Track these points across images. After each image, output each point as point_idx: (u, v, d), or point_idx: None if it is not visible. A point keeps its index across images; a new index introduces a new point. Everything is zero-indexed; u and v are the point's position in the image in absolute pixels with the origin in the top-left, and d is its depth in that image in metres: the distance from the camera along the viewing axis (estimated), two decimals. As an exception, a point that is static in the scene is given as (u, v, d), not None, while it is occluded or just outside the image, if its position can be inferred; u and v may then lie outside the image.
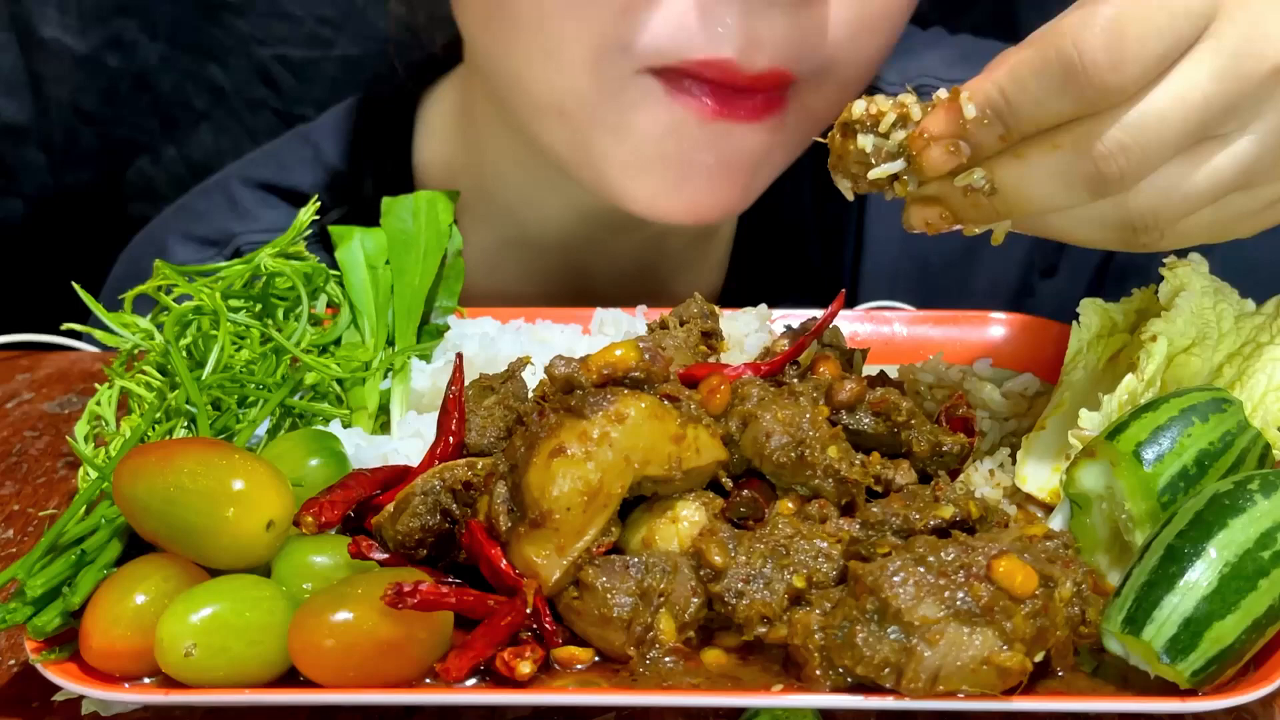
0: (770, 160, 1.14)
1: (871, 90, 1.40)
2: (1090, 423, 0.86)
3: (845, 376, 0.87)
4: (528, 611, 0.74)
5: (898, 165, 0.82)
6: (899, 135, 0.81)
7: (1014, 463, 0.92)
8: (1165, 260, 0.95)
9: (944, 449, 0.86)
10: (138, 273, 1.37)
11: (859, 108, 0.83)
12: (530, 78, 1.12)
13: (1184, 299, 0.91)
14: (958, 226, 0.84)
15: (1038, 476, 0.90)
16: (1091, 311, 0.97)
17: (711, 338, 0.98)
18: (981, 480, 0.92)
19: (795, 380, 0.89)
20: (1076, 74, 0.76)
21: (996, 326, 1.15)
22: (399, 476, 0.86)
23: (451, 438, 0.86)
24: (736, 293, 1.41)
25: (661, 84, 1.07)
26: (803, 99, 1.11)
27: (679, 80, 1.07)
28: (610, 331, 1.11)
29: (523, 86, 1.14)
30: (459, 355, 0.90)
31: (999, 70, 0.78)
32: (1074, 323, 0.98)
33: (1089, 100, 0.77)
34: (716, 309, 1.02)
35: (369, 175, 1.38)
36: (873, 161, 0.82)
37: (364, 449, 0.94)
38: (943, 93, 0.80)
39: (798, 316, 1.12)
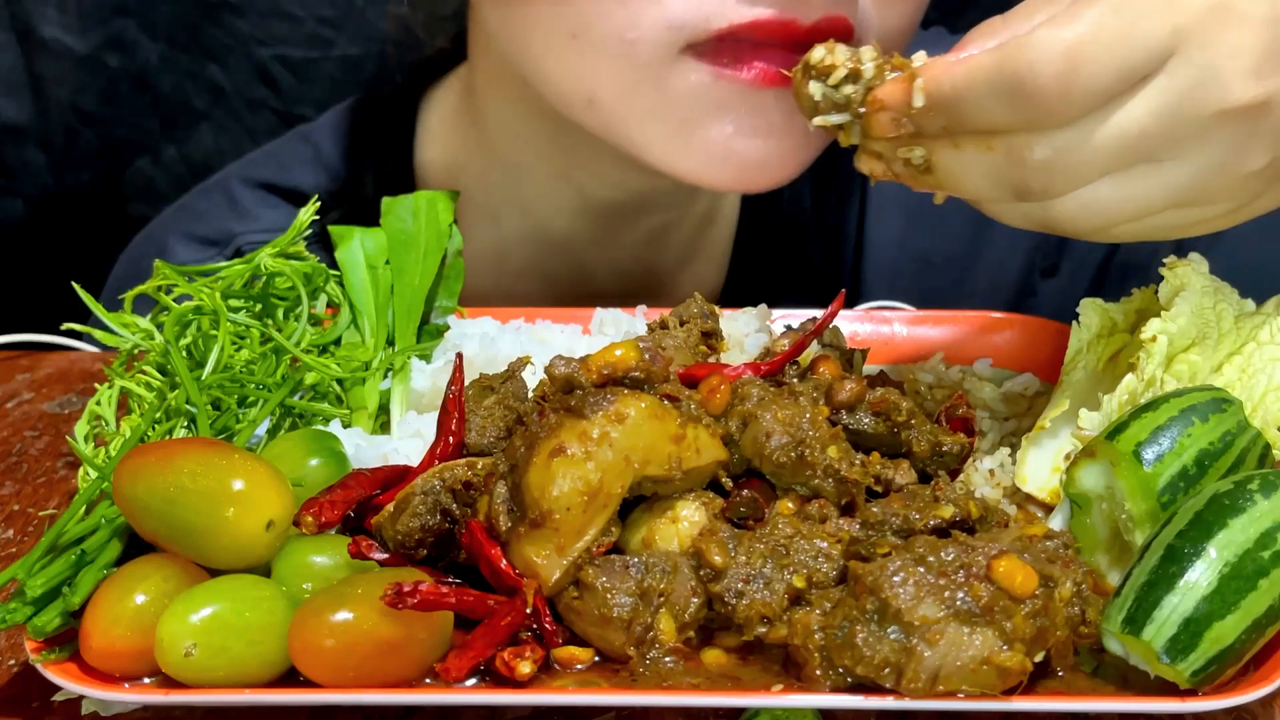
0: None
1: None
2: (1090, 423, 0.86)
3: (845, 376, 0.87)
4: (528, 611, 0.74)
5: (840, 118, 0.86)
6: (847, 90, 0.85)
7: (1014, 463, 0.92)
8: (1165, 260, 0.95)
9: (944, 449, 0.86)
10: (138, 272, 1.37)
11: (817, 54, 0.86)
12: (555, 66, 1.09)
13: (1184, 299, 0.91)
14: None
15: (1038, 476, 0.90)
16: (1091, 311, 0.97)
17: (711, 338, 0.98)
18: (981, 480, 0.92)
19: (795, 380, 0.89)
20: (1025, 94, 0.77)
21: (996, 326, 1.15)
22: (399, 476, 0.86)
23: (451, 438, 0.86)
24: (736, 291, 1.42)
25: (706, 64, 1.03)
26: None
27: (722, 54, 1.03)
28: (610, 331, 1.11)
29: (547, 76, 1.10)
30: (459, 355, 0.90)
31: (957, 69, 0.80)
32: (1074, 323, 0.98)
33: (1031, 120, 0.78)
34: (716, 309, 1.02)
35: (370, 175, 1.38)
36: (819, 108, 0.86)
37: (364, 449, 0.94)
38: (919, 57, 0.83)
39: (798, 316, 1.12)
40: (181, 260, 1.32)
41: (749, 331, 1.05)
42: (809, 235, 1.45)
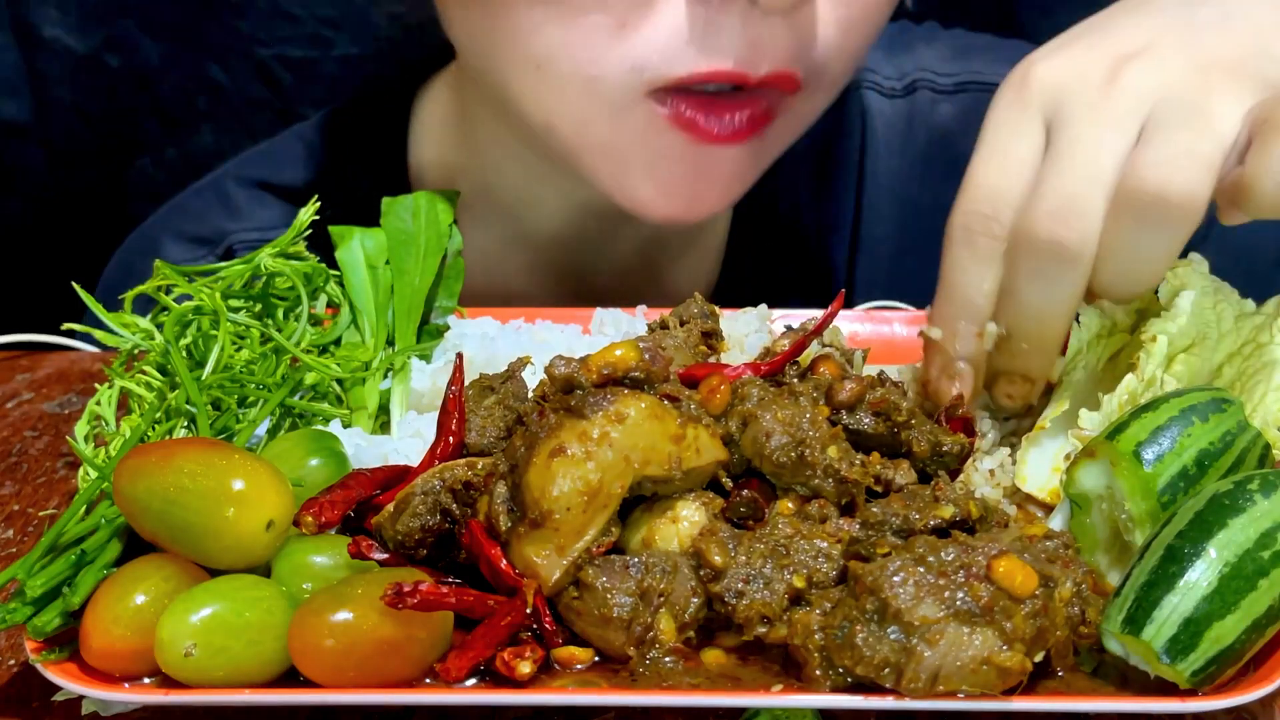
0: (753, 167, 1.17)
1: (857, 86, 1.41)
2: (1090, 423, 0.86)
3: (845, 376, 0.87)
4: (527, 611, 0.74)
5: None
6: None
7: (1014, 463, 0.92)
8: None
9: (944, 449, 0.86)
10: (131, 272, 1.37)
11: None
12: (517, 90, 1.12)
13: (1184, 299, 0.91)
14: (1028, 396, 0.95)
15: (1038, 476, 0.90)
16: (1091, 312, 0.97)
17: (711, 337, 0.98)
18: (981, 480, 0.92)
19: (795, 380, 0.89)
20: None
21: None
22: (399, 476, 0.86)
23: (451, 438, 0.86)
24: (731, 290, 1.41)
25: (661, 110, 1.08)
26: (795, 105, 1.13)
27: (677, 104, 1.07)
28: (610, 331, 1.11)
29: (509, 96, 1.13)
30: (459, 355, 0.90)
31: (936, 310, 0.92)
32: (1074, 323, 0.98)
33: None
34: (716, 309, 1.02)
35: (364, 174, 1.38)
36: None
37: (364, 449, 0.94)
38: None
39: (798, 316, 1.12)
40: (173, 259, 1.32)
41: (749, 332, 1.05)
42: (804, 233, 1.45)
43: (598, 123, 1.10)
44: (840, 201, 1.44)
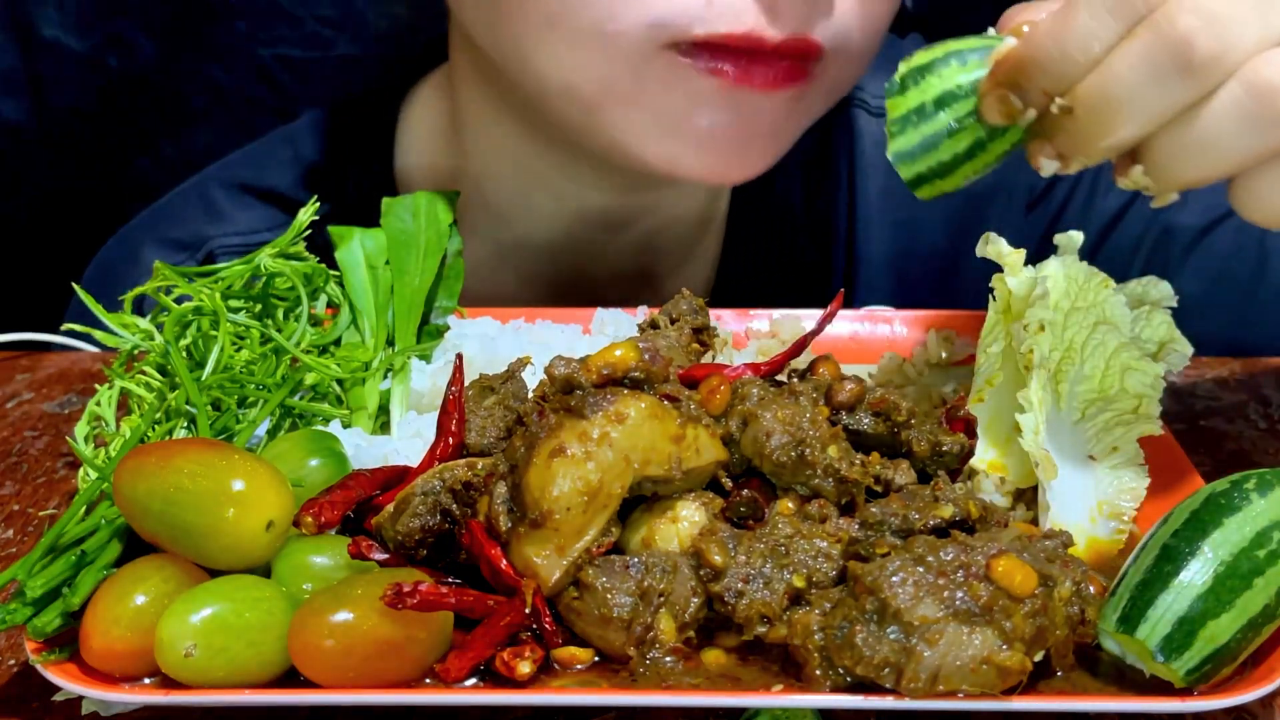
0: (790, 127, 1.14)
1: (850, 101, 1.40)
2: (1028, 425, 0.86)
3: (845, 377, 0.88)
4: (526, 611, 0.75)
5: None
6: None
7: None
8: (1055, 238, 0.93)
9: (944, 449, 0.86)
10: (110, 275, 1.37)
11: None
12: (531, 54, 1.10)
13: (1052, 282, 0.89)
14: (1077, 166, 0.83)
15: (982, 454, 0.89)
16: (999, 283, 0.95)
17: (703, 333, 0.98)
18: (991, 487, 0.91)
19: (795, 380, 0.89)
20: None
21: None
22: (399, 477, 0.86)
23: (451, 438, 0.86)
24: (726, 290, 1.41)
25: (685, 59, 1.05)
26: (826, 69, 1.10)
27: (699, 54, 1.05)
28: (610, 331, 1.11)
29: (523, 64, 1.11)
30: (459, 356, 0.90)
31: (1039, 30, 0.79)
32: (989, 297, 0.96)
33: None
34: (704, 304, 1.01)
35: (350, 177, 1.37)
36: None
37: (364, 449, 0.94)
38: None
39: (797, 316, 1.12)
40: (151, 264, 1.31)
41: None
42: (799, 232, 1.45)
43: (620, 75, 1.07)
44: (834, 215, 1.44)
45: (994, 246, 0.91)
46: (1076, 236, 0.92)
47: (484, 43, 1.17)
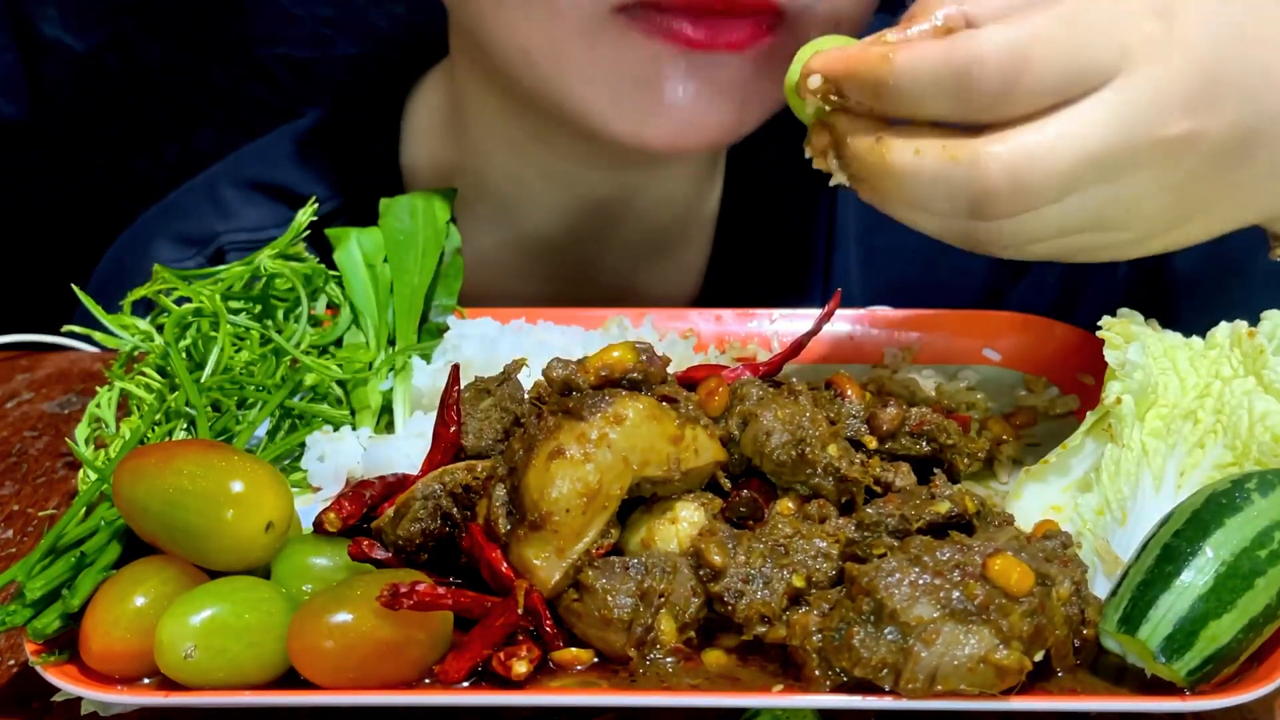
0: (760, 91, 1.10)
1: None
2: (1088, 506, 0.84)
3: (884, 402, 0.87)
4: (520, 611, 0.74)
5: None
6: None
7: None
8: (1100, 323, 0.91)
9: (978, 458, 0.87)
10: (121, 272, 1.37)
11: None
12: (490, 22, 1.10)
13: (1132, 350, 0.87)
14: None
15: (1029, 511, 0.87)
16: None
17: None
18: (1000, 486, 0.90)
19: (794, 380, 0.89)
20: (969, 86, 0.78)
21: (988, 324, 1.13)
22: (400, 483, 0.86)
23: (449, 443, 0.86)
24: (721, 289, 1.41)
25: (636, 24, 1.04)
26: (794, 29, 1.07)
27: (651, 17, 1.03)
28: (615, 334, 1.11)
29: (487, 35, 1.11)
30: (455, 366, 0.89)
31: (903, 54, 0.80)
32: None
33: (969, 113, 0.79)
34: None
35: (357, 175, 1.37)
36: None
37: (370, 449, 0.94)
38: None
39: (797, 316, 1.12)
40: (163, 259, 1.31)
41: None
42: (788, 228, 1.44)
43: (571, 41, 1.06)
44: (820, 212, 1.44)
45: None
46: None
47: (458, 17, 1.17)
